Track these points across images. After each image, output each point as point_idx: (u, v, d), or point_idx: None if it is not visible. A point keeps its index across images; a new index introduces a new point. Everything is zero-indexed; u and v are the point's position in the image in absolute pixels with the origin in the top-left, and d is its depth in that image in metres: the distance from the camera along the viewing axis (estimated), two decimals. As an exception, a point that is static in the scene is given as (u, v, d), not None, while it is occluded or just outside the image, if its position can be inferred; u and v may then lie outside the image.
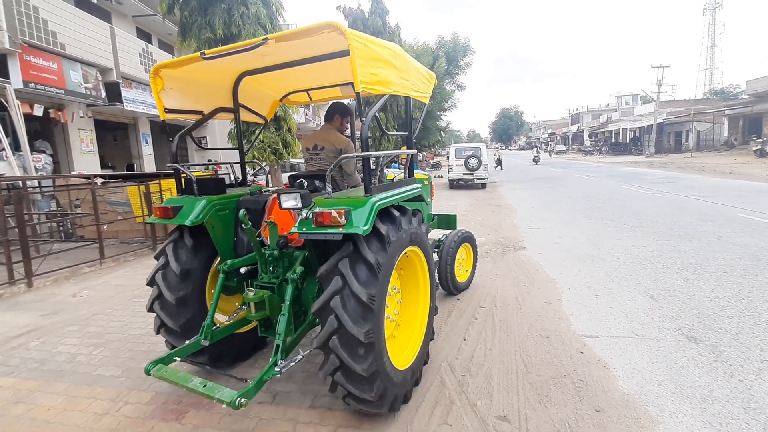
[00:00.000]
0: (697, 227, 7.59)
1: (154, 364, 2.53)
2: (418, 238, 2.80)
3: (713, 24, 58.53)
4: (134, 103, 12.79)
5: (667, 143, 40.83)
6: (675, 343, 3.40)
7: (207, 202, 2.95)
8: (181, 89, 3.10)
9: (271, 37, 2.37)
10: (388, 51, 2.65)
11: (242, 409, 2.18)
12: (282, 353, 2.45)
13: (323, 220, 2.28)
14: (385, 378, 2.39)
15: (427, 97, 3.42)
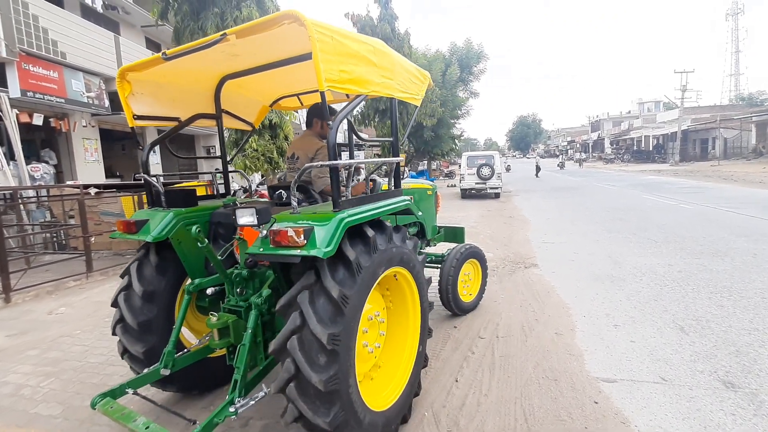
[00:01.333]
0: (730, 243, 6.84)
1: (102, 398, 2.27)
2: (403, 257, 2.45)
3: (736, 29, 56.63)
4: (140, 112, 12.73)
5: (693, 151, 39.19)
6: (710, 391, 2.80)
7: (173, 216, 2.67)
8: (153, 94, 2.86)
9: (229, 32, 2.11)
10: (365, 46, 2.35)
11: None
12: (240, 390, 2.12)
13: (280, 240, 1.96)
14: (359, 427, 2.06)
15: (419, 99, 3.10)
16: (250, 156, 7.18)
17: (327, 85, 2.00)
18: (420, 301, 2.68)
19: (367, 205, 2.34)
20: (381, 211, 2.38)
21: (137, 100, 2.75)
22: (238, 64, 2.84)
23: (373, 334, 2.46)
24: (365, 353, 2.39)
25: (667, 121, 41.65)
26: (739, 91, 53.60)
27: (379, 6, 14.85)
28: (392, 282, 2.61)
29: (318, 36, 1.94)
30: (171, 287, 2.80)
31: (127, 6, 13.23)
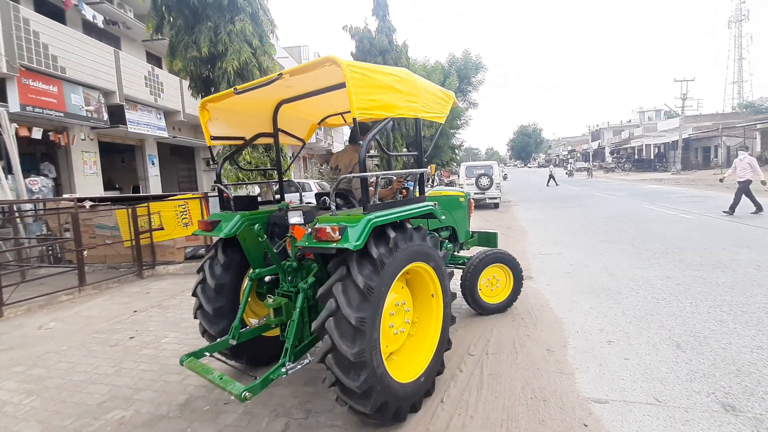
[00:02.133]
0: (732, 255, 6.72)
1: (187, 357, 2.90)
2: (424, 254, 2.89)
3: (740, 36, 56.73)
4: (139, 125, 12.82)
5: (695, 159, 39.03)
6: (707, 414, 2.68)
7: (240, 217, 3.25)
8: (225, 119, 3.49)
9: (284, 72, 2.70)
10: (391, 77, 2.81)
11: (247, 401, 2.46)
12: (290, 356, 2.72)
13: (321, 236, 2.46)
14: (384, 392, 2.52)
15: (443, 117, 3.50)
16: (244, 168, 7.15)
17: (359, 112, 2.49)
18: (442, 292, 3.08)
19: (393, 209, 2.76)
20: (403, 215, 2.80)
21: (213, 124, 3.39)
22: (292, 92, 3.39)
23: (399, 318, 2.92)
24: (392, 334, 2.86)
25: (668, 130, 41.58)
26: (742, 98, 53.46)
27: (377, 19, 14.96)
28: (414, 276, 3.02)
29: (351, 74, 2.44)
30: (237, 277, 3.40)
31: (128, 21, 13.42)
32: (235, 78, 6.87)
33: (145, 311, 5.62)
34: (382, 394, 2.50)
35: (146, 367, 3.84)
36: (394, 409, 2.62)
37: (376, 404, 2.48)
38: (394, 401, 2.59)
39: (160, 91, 13.52)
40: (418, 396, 2.83)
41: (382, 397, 2.50)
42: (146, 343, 4.42)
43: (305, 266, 3.18)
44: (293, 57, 26.88)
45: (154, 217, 8.01)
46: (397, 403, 2.63)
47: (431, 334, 3.06)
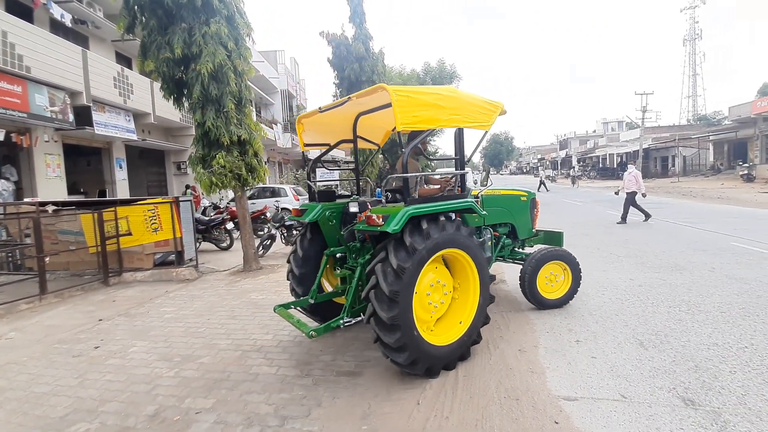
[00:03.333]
0: (689, 257, 7.12)
1: (279, 306, 4.05)
2: (458, 241, 3.44)
3: (694, 54, 60.32)
4: (107, 127, 12.34)
5: (654, 168, 41.13)
6: (669, 409, 2.84)
7: (321, 207, 4.12)
8: (315, 129, 4.46)
9: (352, 96, 3.48)
10: (434, 96, 3.42)
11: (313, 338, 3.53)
12: (347, 313, 3.56)
13: (370, 221, 3.22)
14: (417, 351, 3.17)
15: (488, 125, 3.89)
16: (217, 173, 6.99)
17: (402, 126, 3.18)
18: (478, 274, 3.62)
19: (430, 204, 3.36)
20: (439, 208, 3.38)
21: (306, 134, 4.40)
22: (366, 107, 4.03)
23: (437, 295, 3.51)
24: (430, 307, 3.46)
25: (629, 140, 43.65)
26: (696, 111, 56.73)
27: (354, 26, 15.05)
28: (454, 259, 3.60)
29: (396, 97, 3.10)
30: (318, 252, 4.25)
31: (97, 20, 12.95)
32: (209, 80, 6.75)
33: (111, 320, 5.41)
34: (415, 352, 3.16)
35: (112, 377, 3.69)
36: (426, 365, 3.26)
37: (410, 359, 3.16)
38: (426, 359, 3.23)
39: (129, 92, 13.08)
40: (452, 358, 3.45)
41: (415, 354, 3.16)
42: (112, 353, 4.25)
43: (366, 247, 3.92)
44: (269, 61, 26.62)
45: (122, 222, 7.73)
46: (430, 361, 3.27)
47: (468, 309, 3.62)
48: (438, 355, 3.32)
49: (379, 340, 3.17)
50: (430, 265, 3.37)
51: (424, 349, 3.21)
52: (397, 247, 3.15)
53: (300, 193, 17.58)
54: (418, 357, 3.17)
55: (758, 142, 28.41)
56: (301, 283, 4.22)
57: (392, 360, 3.23)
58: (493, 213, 4.78)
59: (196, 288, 6.92)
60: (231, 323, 4.99)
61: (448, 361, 3.41)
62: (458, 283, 3.70)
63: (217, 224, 10.61)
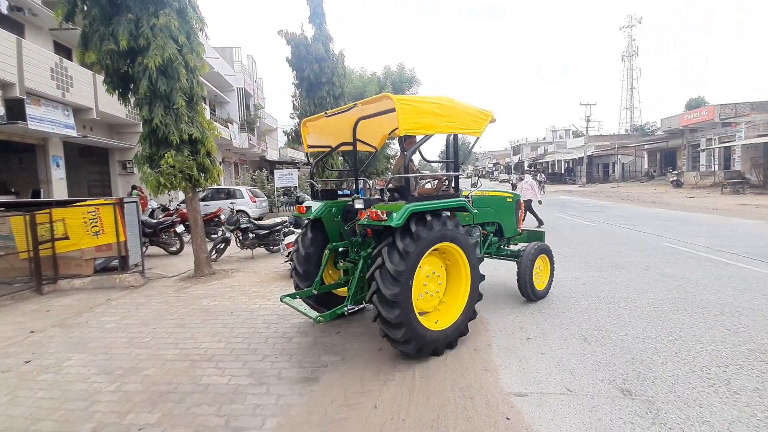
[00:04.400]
0: (627, 257, 7.67)
1: (286, 296, 4.32)
2: (453, 236, 3.77)
3: (631, 69, 65.26)
4: (42, 122, 11.34)
5: (597, 174, 44.05)
6: (610, 400, 3.03)
7: (324, 204, 4.42)
8: (319, 133, 4.82)
9: (358, 102, 3.87)
10: (433, 105, 3.71)
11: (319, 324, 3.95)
12: (351, 301, 3.89)
13: (375, 217, 3.52)
14: (411, 330, 3.45)
15: (480, 131, 4.29)
16: (166, 173, 6.62)
17: (405, 131, 3.46)
18: (470, 270, 3.96)
19: (428, 202, 3.70)
20: (436, 206, 3.72)
21: (310, 137, 4.75)
22: (367, 112, 4.28)
23: (433, 284, 3.88)
24: (426, 294, 3.81)
25: (575, 147, 46.48)
26: (633, 122, 61.34)
27: (313, 26, 14.86)
28: (450, 254, 3.91)
29: (400, 105, 3.41)
30: (320, 248, 4.54)
31: (35, 7, 11.90)
32: (158, 75, 6.39)
33: (44, 331, 4.96)
34: (410, 331, 3.43)
35: (45, 394, 3.38)
36: (418, 346, 3.53)
37: (404, 337, 3.42)
38: (419, 339, 3.50)
39: (69, 85, 12.11)
40: (441, 344, 3.71)
41: (409, 333, 3.42)
42: (45, 368, 3.90)
43: (367, 242, 4.20)
44: (224, 58, 25.70)
45: (58, 225, 7.12)
46: (422, 343, 3.54)
47: (459, 300, 3.95)
48: (430, 338, 3.59)
49: (379, 316, 3.46)
50: (428, 257, 3.70)
51: (418, 330, 3.49)
52: (403, 234, 3.48)
53: (257, 195, 17.07)
54: (412, 336, 3.45)
55: (685, 151, 31.22)
56: (304, 279, 4.49)
57: (388, 337, 3.52)
58: (482, 212, 5.09)
59: (142, 295, 6.51)
60: (179, 332, 4.74)
61: (438, 345, 3.69)
62: (451, 277, 4.03)
63: (166, 227, 10.07)
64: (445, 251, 3.90)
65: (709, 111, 26.95)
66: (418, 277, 3.63)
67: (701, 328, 4.28)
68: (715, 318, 4.53)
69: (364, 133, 4.98)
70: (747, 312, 4.67)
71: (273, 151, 35.58)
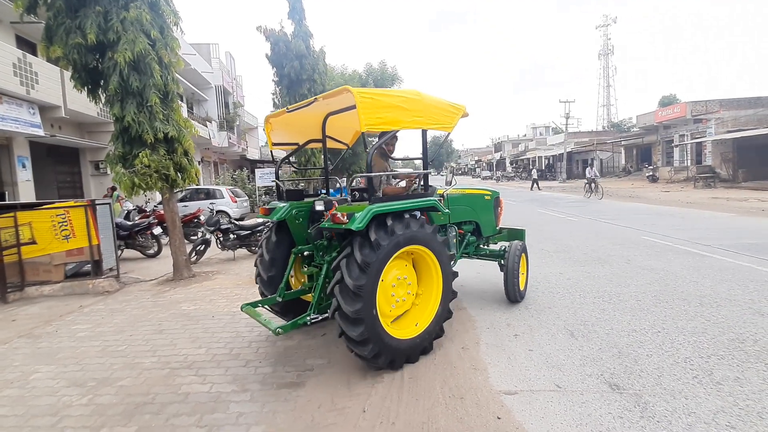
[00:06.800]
0: (609, 251, 7.79)
1: (247, 305, 3.96)
2: (421, 238, 3.54)
3: (607, 67, 66.77)
4: (5, 120, 10.77)
5: (576, 170, 44.94)
6: (598, 395, 3.02)
7: (289, 206, 4.12)
8: (284, 129, 4.54)
9: (318, 97, 3.58)
10: (398, 99, 3.51)
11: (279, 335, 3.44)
12: (314, 309, 3.59)
13: (335, 219, 3.26)
14: (379, 343, 3.25)
15: (451, 126, 4.02)
16: (141, 173, 6.35)
17: (366, 127, 3.25)
18: (441, 270, 3.72)
19: (394, 202, 3.44)
20: (402, 207, 3.45)
21: (274, 133, 4.47)
22: (334, 107, 4.02)
23: (401, 290, 3.60)
24: (394, 301, 3.55)
25: (555, 144, 47.31)
26: (610, 119, 62.84)
27: (293, 22, 14.61)
28: (419, 256, 3.69)
29: (360, 99, 3.18)
30: (285, 252, 4.22)
31: (-9, -2, 11.28)
32: (129, 71, 6.11)
33: (9, 343, 4.68)
34: (378, 345, 3.23)
35: (7, 411, 3.16)
36: (389, 358, 3.34)
37: (372, 352, 3.23)
38: (388, 351, 3.31)
39: (33, 81, 11.54)
40: (414, 351, 3.54)
41: (378, 347, 3.24)
42: (8, 383, 3.65)
43: (333, 245, 3.95)
44: (201, 54, 25.05)
45: (24, 228, 6.76)
46: (393, 354, 3.36)
47: (431, 304, 3.72)
48: (401, 348, 3.41)
49: (343, 333, 3.22)
50: (394, 261, 3.47)
51: (387, 342, 3.29)
52: (362, 243, 3.22)
53: (237, 194, 16.71)
54: (381, 350, 3.26)
55: (660, 147, 32.15)
56: (269, 286, 4.21)
57: (356, 353, 3.30)
58: (457, 211, 4.86)
59: (117, 301, 6.24)
60: (157, 338, 4.54)
61: (411, 354, 3.51)
62: (422, 279, 3.79)
63: (143, 229, 9.72)
64: (412, 253, 3.65)
65: (681, 108, 27.79)
66: (384, 285, 3.39)
67: (683, 319, 4.34)
68: (695, 309, 4.60)
69: (335, 129, 4.73)
70: (725, 303, 4.77)
71: (254, 149, 34.98)
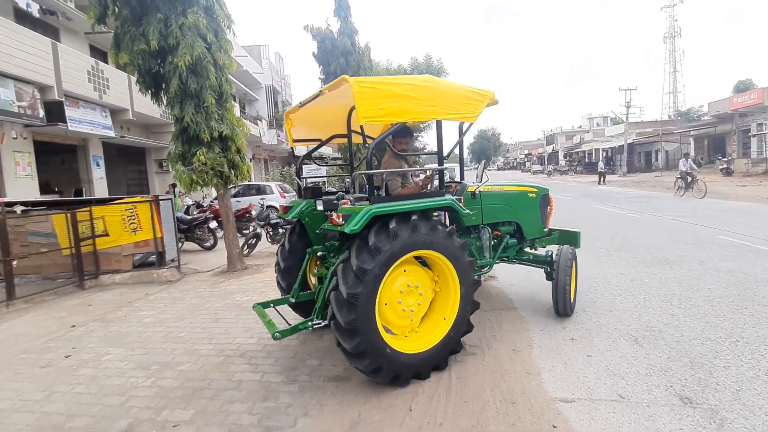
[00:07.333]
0: (677, 251, 7.14)
1: (258, 305, 3.89)
2: (433, 242, 3.14)
3: (673, 51, 61.29)
4: (81, 123, 11.85)
5: (638, 163, 41.81)
6: (667, 408, 2.75)
7: (306, 204, 4.02)
8: (305, 124, 4.35)
9: (323, 89, 3.33)
10: (405, 86, 3.12)
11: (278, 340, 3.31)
12: (318, 314, 3.37)
13: (332, 221, 3.06)
14: (379, 357, 2.94)
15: (473, 116, 3.55)
16: (198, 170, 6.71)
17: (365, 120, 2.95)
18: (458, 279, 3.29)
19: (398, 202, 3.11)
20: (407, 207, 3.09)
21: (295, 129, 4.29)
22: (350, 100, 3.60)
23: (411, 299, 3.23)
24: (401, 311, 3.20)
25: (614, 135, 44.30)
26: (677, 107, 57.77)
27: (339, 20, 14.76)
28: (433, 262, 3.32)
29: (358, 88, 2.86)
30: (304, 248, 4.10)
31: (69, 11, 12.39)
32: (188, 74, 6.46)
33: (85, 326, 5.12)
34: (378, 359, 2.94)
35: (82, 389, 3.44)
36: (392, 373, 3.03)
37: (372, 366, 2.95)
38: (391, 366, 3.00)
39: (105, 87, 12.58)
40: (424, 367, 3.19)
41: (378, 361, 2.94)
42: (84, 362, 3.99)
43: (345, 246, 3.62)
44: (252, 56, 26.10)
45: (98, 222, 7.39)
46: (396, 369, 3.04)
47: (447, 314, 3.33)
48: (407, 363, 3.07)
49: (339, 344, 2.99)
50: (404, 266, 3.17)
51: (388, 356, 2.97)
52: (360, 247, 2.92)
53: (286, 190, 17.26)
54: (381, 364, 2.95)
55: (735, 137, 29.07)
56: (286, 277, 4.17)
57: (355, 366, 3.06)
58: (492, 210, 4.35)
59: (178, 290, 6.65)
60: (214, 327, 4.77)
61: (420, 370, 3.17)
62: (438, 287, 3.42)
63: (200, 223, 10.30)
64: (428, 259, 3.32)
65: (758, 94, 24.88)
66: (390, 292, 3.10)
67: (765, 327, 3.87)
68: (784, 318, 4.08)
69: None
70: (822, 311, 4.19)
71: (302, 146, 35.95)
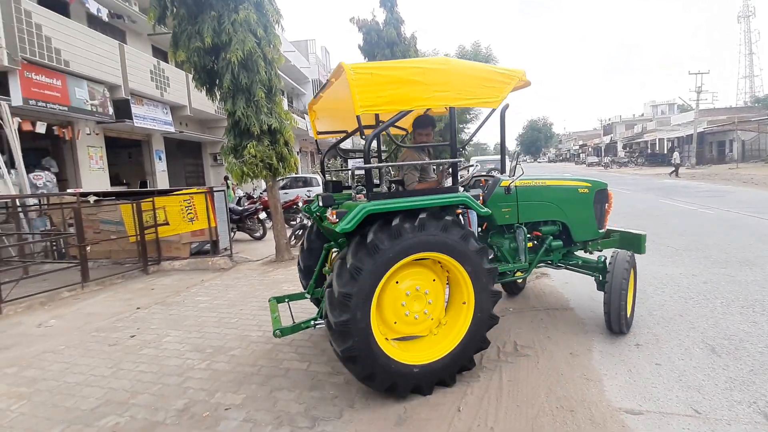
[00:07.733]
0: (758, 251, 6.38)
1: (274, 298, 3.92)
2: (442, 244, 2.85)
3: (749, 31, 55.20)
4: (145, 119, 12.70)
5: (710, 154, 38.15)
6: (750, 427, 2.42)
7: None
8: (329, 116, 4.12)
9: (330, 78, 3.08)
10: (410, 70, 2.84)
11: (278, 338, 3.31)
12: (321, 315, 3.19)
13: (328, 219, 2.92)
14: (373, 364, 2.74)
15: (497, 101, 3.11)
16: (248, 162, 6.92)
17: (362, 110, 2.67)
18: (473, 288, 2.98)
19: (398, 199, 2.85)
20: (408, 205, 2.83)
21: (320, 121, 4.11)
22: None
23: (417, 304, 2.97)
24: (405, 318, 2.95)
25: (681, 124, 40.69)
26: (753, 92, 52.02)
27: (384, 10, 14.62)
28: (444, 265, 3.02)
29: (355, 75, 2.63)
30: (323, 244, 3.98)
31: (133, 15, 13.26)
32: (239, 69, 6.65)
33: (148, 308, 5.47)
34: (371, 365, 2.74)
35: (145, 368, 3.66)
36: (388, 382, 2.81)
37: (364, 372, 2.77)
38: (386, 375, 2.78)
39: (166, 85, 13.38)
40: (426, 381, 2.91)
41: (371, 368, 2.74)
42: (147, 343, 4.25)
43: None
44: (300, 51, 26.64)
45: (159, 212, 7.87)
46: (392, 379, 2.81)
47: (457, 328, 3.05)
48: (405, 373, 2.83)
49: (331, 345, 2.83)
50: (411, 268, 2.93)
51: (383, 364, 2.75)
52: (358, 245, 2.73)
53: (332, 182, 17.55)
54: (375, 372, 2.75)
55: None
56: (307, 276, 4.13)
57: (348, 370, 2.87)
58: (530, 208, 3.83)
59: (230, 277, 6.94)
60: (262, 314, 4.90)
61: (422, 383, 2.90)
62: (453, 295, 3.17)
63: (250, 214, 10.70)
64: (439, 261, 3.01)
65: None
66: (393, 296, 2.87)
67: None
68: None
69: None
70: None
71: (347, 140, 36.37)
